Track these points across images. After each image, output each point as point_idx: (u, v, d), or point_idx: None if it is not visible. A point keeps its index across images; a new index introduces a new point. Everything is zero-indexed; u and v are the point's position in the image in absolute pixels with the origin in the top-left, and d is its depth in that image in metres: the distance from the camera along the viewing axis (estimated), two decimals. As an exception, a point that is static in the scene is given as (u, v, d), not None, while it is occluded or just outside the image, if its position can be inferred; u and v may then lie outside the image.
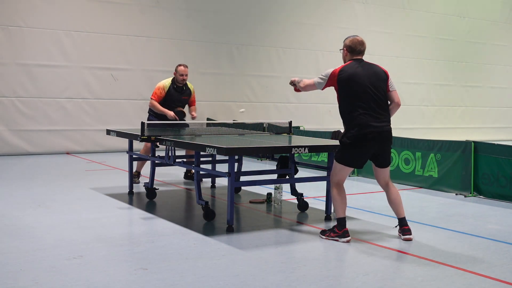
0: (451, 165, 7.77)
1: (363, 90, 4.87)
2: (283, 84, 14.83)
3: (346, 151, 4.96)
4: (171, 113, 7.67)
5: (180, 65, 7.90)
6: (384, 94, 4.98)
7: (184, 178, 8.42)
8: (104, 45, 12.24)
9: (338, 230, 5.00)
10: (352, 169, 5.08)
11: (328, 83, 5.02)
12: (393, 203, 5.13)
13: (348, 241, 4.95)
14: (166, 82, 7.88)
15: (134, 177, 7.60)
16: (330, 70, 5.02)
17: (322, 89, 5.14)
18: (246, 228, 5.51)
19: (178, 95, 7.88)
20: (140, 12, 12.62)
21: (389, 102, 5.07)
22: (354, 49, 5.05)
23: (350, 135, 4.89)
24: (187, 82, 8.02)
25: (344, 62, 5.13)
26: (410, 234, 5.05)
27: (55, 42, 11.69)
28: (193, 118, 8.06)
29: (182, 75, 7.81)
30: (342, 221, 5.00)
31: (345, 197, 5.05)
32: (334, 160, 5.07)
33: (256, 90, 14.44)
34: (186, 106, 8.15)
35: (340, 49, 5.22)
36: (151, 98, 7.83)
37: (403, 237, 5.06)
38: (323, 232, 5.15)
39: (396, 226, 5.23)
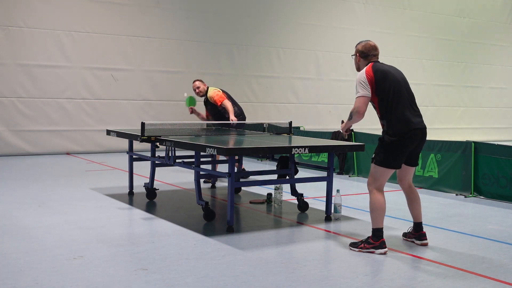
0: (451, 166, 7.77)
1: (398, 87, 4.70)
2: (283, 84, 14.85)
3: (389, 150, 4.67)
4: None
5: (194, 81, 8.54)
6: (412, 91, 4.85)
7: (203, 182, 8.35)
8: (104, 45, 12.24)
9: (374, 240, 4.66)
10: (393, 171, 4.72)
11: (370, 85, 4.66)
12: (417, 206, 4.96)
13: (385, 253, 4.63)
14: (214, 89, 8.34)
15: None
16: (362, 75, 4.69)
17: (370, 94, 4.67)
18: (246, 228, 5.50)
19: (207, 107, 8.47)
20: (141, 13, 12.62)
21: None
22: (367, 54, 4.85)
23: (393, 133, 4.64)
24: (209, 89, 8.35)
25: (358, 69, 4.89)
26: (426, 239, 4.95)
27: (55, 42, 11.69)
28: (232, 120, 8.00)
29: (194, 90, 8.41)
30: (379, 232, 4.67)
31: (384, 205, 4.69)
32: (373, 165, 4.73)
33: (256, 90, 14.44)
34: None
35: (352, 55, 5.01)
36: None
37: (419, 242, 4.93)
38: (353, 245, 4.77)
39: (409, 230, 5.11)
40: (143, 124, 6.31)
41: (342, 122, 5.03)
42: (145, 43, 12.73)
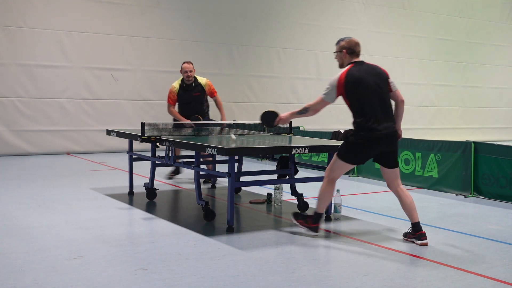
0: (451, 166, 7.77)
1: (370, 93, 4.81)
2: (283, 84, 14.85)
3: (352, 149, 4.91)
4: (186, 120, 7.69)
5: (184, 62, 7.97)
6: (387, 95, 4.95)
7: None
8: (104, 45, 12.24)
9: (312, 223, 5.13)
10: (351, 166, 5.05)
11: (337, 92, 4.87)
12: (409, 207, 4.99)
13: (315, 236, 5.09)
14: (175, 83, 7.91)
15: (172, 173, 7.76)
16: (334, 79, 4.89)
17: (334, 101, 4.94)
18: (246, 228, 5.51)
19: (188, 94, 7.88)
20: (141, 13, 12.62)
21: (393, 102, 5.02)
22: (353, 50, 4.99)
23: (359, 136, 4.83)
24: (198, 77, 8.02)
25: (342, 65, 5.02)
26: (426, 238, 4.93)
27: (55, 42, 11.69)
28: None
29: (186, 72, 7.82)
30: (319, 217, 5.13)
31: (332, 194, 5.15)
32: (335, 155, 5.00)
33: (256, 90, 14.45)
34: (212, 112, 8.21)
35: (334, 52, 5.11)
36: (168, 103, 7.86)
37: (419, 242, 4.90)
38: (296, 215, 5.29)
39: (409, 230, 5.11)
40: (143, 124, 6.31)
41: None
42: (145, 43, 12.73)
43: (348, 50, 5.00)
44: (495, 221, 6.09)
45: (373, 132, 4.80)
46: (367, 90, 4.82)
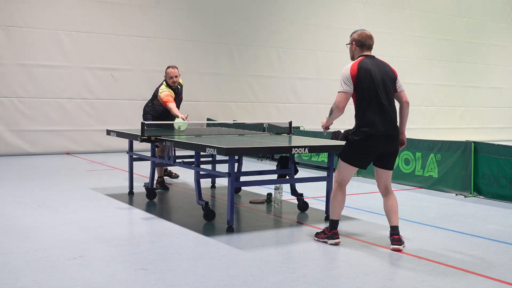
0: (451, 165, 7.77)
1: (376, 89, 4.71)
2: (283, 84, 14.85)
3: (353, 149, 4.82)
4: (183, 116, 7.25)
5: (168, 67, 7.53)
6: (392, 94, 4.85)
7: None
8: (104, 45, 12.24)
9: (328, 231, 4.93)
10: (356, 169, 4.90)
11: (353, 81, 4.71)
12: (389, 210, 4.87)
13: (337, 244, 4.88)
14: (167, 88, 7.50)
15: (158, 183, 7.48)
16: (346, 70, 4.74)
17: (352, 91, 4.75)
18: (246, 228, 5.51)
19: (176, 98, 7.57)
20: (141, 12, 12.61)
21: (398, 103, 4.95)
22: (363, 43, 4.87)
23: (360, 133, 4.74)
24: None
25: (353, 58, 4.92)
26: (400, 244, 4.75)
27: (55, 42, 11.69)
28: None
29: (172, 77, 7.45)
30: (335, 223, 4.92)
31: (344, 199, 4.92)
32: (339, 159, 4.92)
33: (256, 90, 14.44)
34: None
35: (347, 44, 5.00)
36: (169, 102, 7.29)
37: (392, 246, 4.78)
38: (316, 234, 5.08)
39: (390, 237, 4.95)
40: (143, 124, 6.32)
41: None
42: (145, 43, 12.73)
43: (357, 43, 4.88)
44: (495, 221, 6.09)
45: (375, 129, 4.68)
46: (374, 85, 4.71)
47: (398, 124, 4.91)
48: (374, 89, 4.71)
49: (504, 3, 18.83)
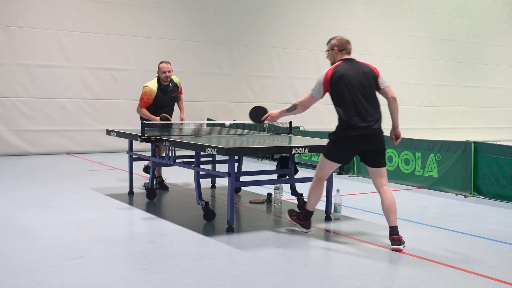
0: (451, 165, 7.77)
1: (350, 92, 4.86)
2: (283, 84, 14.85)
3: (334, 147, 5.01)
4: (157, 119, 7.24)
5: (161, 62, 7.43)
6: (373, 93, 4.95)
7: (143, 170, 8.16)
8: (104, 45, 12.24)
9: (303, 219, 5.26)
10: (338, 165, 5.09)
11: (324, 88, 4.96)
12: (387, 210, 4.85)
13: (306, 233, 5.23)
14: (153, 86, 7.37)
15: (157, 183, 7.46)
16: (321, 75, 4.97)
17: (322, 96, 5.07)
18: (246, 228, 5.51)
19: (166, 96, 7.46)
20: (141, 12, 12.61)
21: (385, 99, 5.00)
22: (344, 47, 5.04)
23: (338, 134, 4.95)
24: (172, 77, 7.56)
25: (334, 62, 5.06)
26: (400, 244, 4.74)
27: (55, 42, 11.69)
28: (181, 120, 7.76)
29: (164, 72, 7.32)
30: (310, 214, 5.25)
31: (321, 193, 5.17)
32: (322, 155, 5.14)
33: (256, 90, 14.44)
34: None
35: (326, 51, 5.16)
36: (139, 104, 7.37)
37: (391, 246, 4.77)
38: (290, 212, 5.40)
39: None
40: (143, 124, 6.32)
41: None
42: (145, 43, 12.73)
43: (339, 48, 5.05)
44: (495, 221, 6.09)
45: (353, 130, 4.84)
46: (348, 88, 4.86)
47: (390, 121, 5.03)
48: (348, 92, 4.87)
49: (504, 3, 18.83)
